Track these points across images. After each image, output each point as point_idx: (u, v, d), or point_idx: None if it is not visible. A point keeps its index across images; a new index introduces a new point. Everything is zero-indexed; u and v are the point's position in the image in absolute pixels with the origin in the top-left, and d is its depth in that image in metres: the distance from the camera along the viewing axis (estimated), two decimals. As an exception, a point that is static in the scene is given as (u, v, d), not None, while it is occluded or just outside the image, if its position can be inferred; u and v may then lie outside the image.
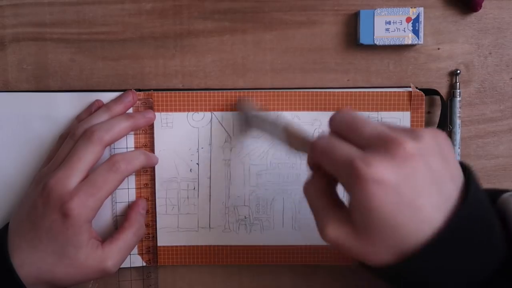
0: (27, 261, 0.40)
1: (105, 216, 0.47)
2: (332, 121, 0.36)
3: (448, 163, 0.32)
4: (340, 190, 0.36)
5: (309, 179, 0.37)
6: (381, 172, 0.30)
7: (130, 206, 0.47)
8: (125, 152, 0.45)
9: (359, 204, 0.31)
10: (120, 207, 0.48)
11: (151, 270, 0.49)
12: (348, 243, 0.33)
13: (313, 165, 0.37)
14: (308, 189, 0.37)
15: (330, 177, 0.35)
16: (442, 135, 0.33)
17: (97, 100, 0.47)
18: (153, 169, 0.48)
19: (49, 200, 0.40)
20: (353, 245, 0.32)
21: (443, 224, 0.30)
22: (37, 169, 0.46)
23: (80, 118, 0.46)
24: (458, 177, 0.33)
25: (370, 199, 0.30)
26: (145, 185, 0.48)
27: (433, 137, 0.32)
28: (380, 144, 0.31)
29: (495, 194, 0.36)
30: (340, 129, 0.35)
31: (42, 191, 0.41)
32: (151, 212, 0.48)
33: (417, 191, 0.30)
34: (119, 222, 0.47)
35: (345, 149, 0.33)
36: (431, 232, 0.30)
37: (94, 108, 0.46)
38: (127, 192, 0.48)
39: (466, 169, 0.33)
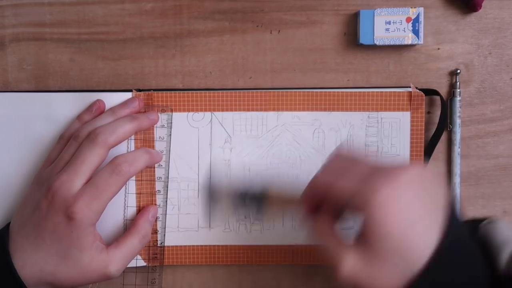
0: (29, 262, 0.40)
1: (116, 220, 0.47)
2: (327, 163, 0.39)
3: (433, 194, 0.35)
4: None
5: (316, 220, 0.39)
6: (387, 196, 0.33)
7: (140, 212, 0.47)
8: (128, 153, 0.44)
9: (372, 228, 0.33)
10: (131, 211, 0.47)
11: (155, 276, 0.49)
12: (363, 273, 0.34)
13: (314, 206, 0.39)
14: (318, 228, 0.38)
15: (333, 214, 0.38)
16: (427, 171, 0.36)
17: (98, 100, 0.47)
18: (167, 176, 0.48)
19: (53, 202, 0.40)
20: (367, 274, 0.34)
21: (435, 249, 0.33)
22: (37, 169, 0.46)
23: (81, 118, 0.46)
24: (441, 206, 0.35)
25: (381, 221, 0.33)
26: (157, 191, 0.48)
27: (420, 171, 0.35)
28: (379, 174, 0.34)
29: (475, 224, 0.39)
30: (338, 167, 0.37)
31: (46, 193, 0.41)
32: (161, 219, 0.48)
33: (417, 214, 0.33)
34: (129, 226, 0.47)
35: (349, 180, 0.35)
36: (428, 255, 0.33)
37: (95, 108, 0.46)
38: (139, 197, 0.48)
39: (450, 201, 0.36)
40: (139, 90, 0.48)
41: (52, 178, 0.41)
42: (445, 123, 0.47)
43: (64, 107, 0.47)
